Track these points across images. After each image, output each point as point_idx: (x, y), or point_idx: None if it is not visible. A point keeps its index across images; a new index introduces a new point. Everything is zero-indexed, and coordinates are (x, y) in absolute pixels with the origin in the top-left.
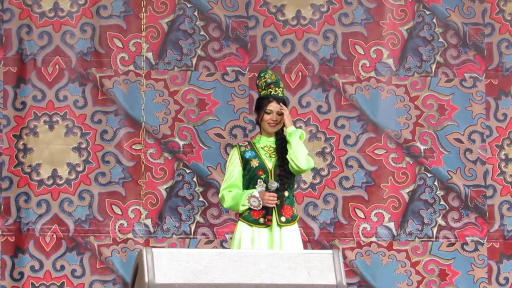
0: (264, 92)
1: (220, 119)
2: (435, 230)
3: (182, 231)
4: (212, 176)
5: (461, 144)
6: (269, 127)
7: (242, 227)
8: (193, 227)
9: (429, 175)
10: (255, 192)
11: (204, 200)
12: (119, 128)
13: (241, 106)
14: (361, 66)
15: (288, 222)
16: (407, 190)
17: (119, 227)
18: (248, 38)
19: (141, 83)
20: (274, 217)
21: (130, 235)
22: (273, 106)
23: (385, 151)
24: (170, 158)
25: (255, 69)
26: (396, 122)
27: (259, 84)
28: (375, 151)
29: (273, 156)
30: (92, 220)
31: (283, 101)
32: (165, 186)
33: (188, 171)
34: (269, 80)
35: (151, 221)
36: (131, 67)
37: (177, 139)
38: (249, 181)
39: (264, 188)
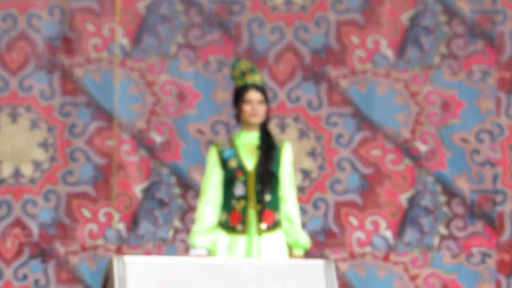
0: (240, 81)
1: (201, 113)
2: (436, 240)
3: (158, 237)
4: (192, 176)
5: (467, 144)
6: (251, 118)
7: (219, 235)
8: (171, 232)
9: (430, 178)
10: (200, 251)
11: (183, 203)
12: (90, 121)
13: (224, 99)
14: (357, 58)
15: (269, 229)
16: (405, 196)
17: (88, 232)
18: (232, 24)
19: (115, 72)
20: (253, 223)
21: (100, 241)
22: (251, 94)
23: (382, 152)
24: (146, 156)
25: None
26: (394, 119)
27: (234, 75)
28: (371, 152)
29: (255, 154)
30: (58, 224)
31: (262, 89)
32: (140, 187)
33: (165, 170)
34: (243, 68)
35: (124, 225)
36: (104, 54)
37: (153, 135)
38: (228, 183)
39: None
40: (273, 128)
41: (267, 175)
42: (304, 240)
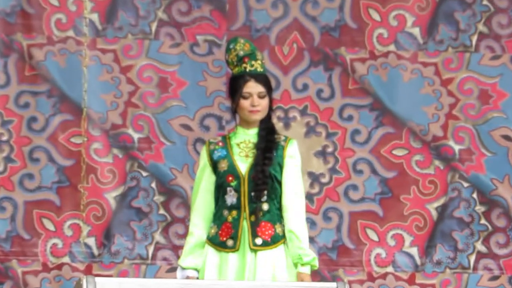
0: (237, 69)
1: (187, 105)
2: (472, 258)
3: (136, 255)
4: (176, 181)
5: (511, 143)
6: (251, 116)
7: (208, 252)
8: (151, 249)
9: (465, 184)
10: (189, 272)
11: (166, 214)
12: (53, 114)
13: (216, 88)
14: (377, 37)
15: (266, 245)
16: (435, 205)
17: (51, 248)
18: None
19: (83, 55)
20: (246, 238)
21: (66, 259)
22: (251, 86)
23: (407, 151)
24: (121, 156)
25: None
26: (422, 113)
27: (230, 59)
28: (394, 152)
29: (251, 155)
30: (15, 239)
31: (264, 78)
32: (114, 194)
33: (144, 174)
34: (241, 53)
35: (95, 240)
36: (70, 33)
37: (130, 131)
38: (219, 190)
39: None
40: (275, 123)
41: (262, 179)
42: (309, 257)
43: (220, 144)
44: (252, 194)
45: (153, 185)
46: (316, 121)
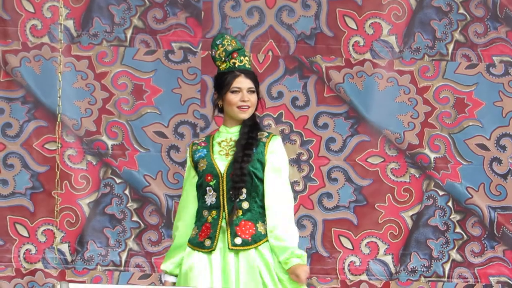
0: (225, 65)
1: (162, 113)
2: (447, 266)
3: (109, 261)
4: (150, 188)
5: (487, 151)
6: (239, 112)
7: (187, 253)
8: (124, 255)
9: (441, 193)
10: (167, 278)
11: (139, 221)
12: (28, 120)
13: (191, 95)
14: (353, 46)
15: (246, 244)
16: (410, 213)
17: (24, 254)
18: (201, 4)
19: (58, 61)
20: (225, 237)
21: (39, 265)
22: (241, 81)
23: (382, 160)
24: (94, 163)
25: (210, 47)
26: (397, 121)
27: (217, 55)
28: (369, 160)
29: (231, 153)
30: None
31: (253, 74)
32: (87, 200)
33: (118, 180)
34: (230, 48)
35: (69, 246)
36: (45, 39)
37: (104, 138)
38: (199, 190)
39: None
40: None
41: (240, 176)
42: (299, 251)
43: (203, 144)
44: (231, 192)
45: (127, 192)
46: (291, 129)
